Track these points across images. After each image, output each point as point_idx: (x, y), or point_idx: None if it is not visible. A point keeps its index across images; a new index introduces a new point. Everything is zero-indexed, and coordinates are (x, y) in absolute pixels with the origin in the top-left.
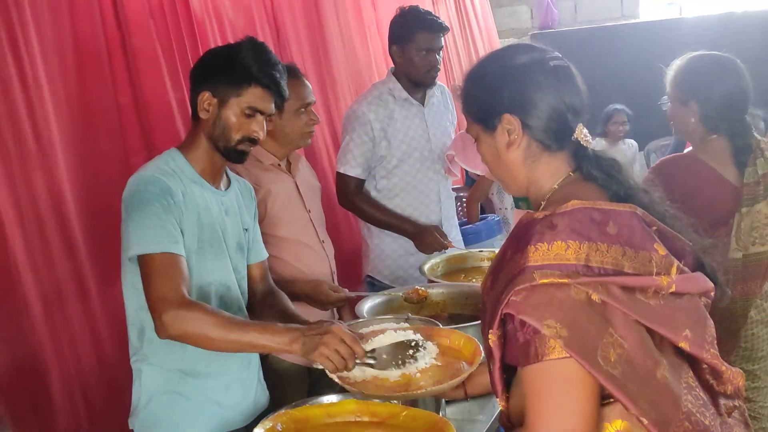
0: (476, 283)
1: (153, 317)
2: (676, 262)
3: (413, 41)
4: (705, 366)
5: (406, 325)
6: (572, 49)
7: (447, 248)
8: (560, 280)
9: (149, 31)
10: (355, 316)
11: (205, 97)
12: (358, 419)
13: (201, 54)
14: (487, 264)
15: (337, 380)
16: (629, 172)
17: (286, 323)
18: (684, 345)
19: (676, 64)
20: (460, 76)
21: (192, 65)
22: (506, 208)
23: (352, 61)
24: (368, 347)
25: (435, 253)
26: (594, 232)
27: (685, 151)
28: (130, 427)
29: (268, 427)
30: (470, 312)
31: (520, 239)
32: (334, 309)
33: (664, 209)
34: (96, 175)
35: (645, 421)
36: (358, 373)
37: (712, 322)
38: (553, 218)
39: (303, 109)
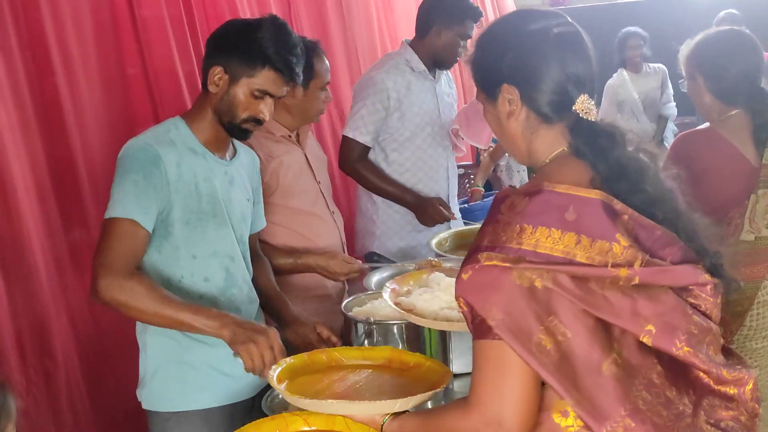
0: None
1: (91, 279)
2: (641, 255)
3: (460, 26)
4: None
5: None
6: (584, 26)
7: (449, 220)
8: (503, 264)
9: (158, 1)
10: (364, 289)
11: (217, 72)
12: (388, 365)
13: (210, 26)
14: None
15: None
16: (624, 145)
17: (267, 300)
18: (646, 339)
19: (688, 43)
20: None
21: (200, 37)
22: (515, 186)
23: (361, 33)
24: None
25: (439, 226)
26: (551, 218)
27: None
28: (138, 399)
29: (288, 362)
30: None
31: (489, 213)
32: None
33: (659, 194)
34: (103, 146)
35: (580, 412)
36: None
37: (699, 317)
38: (517, 199)
39: (324, 87)
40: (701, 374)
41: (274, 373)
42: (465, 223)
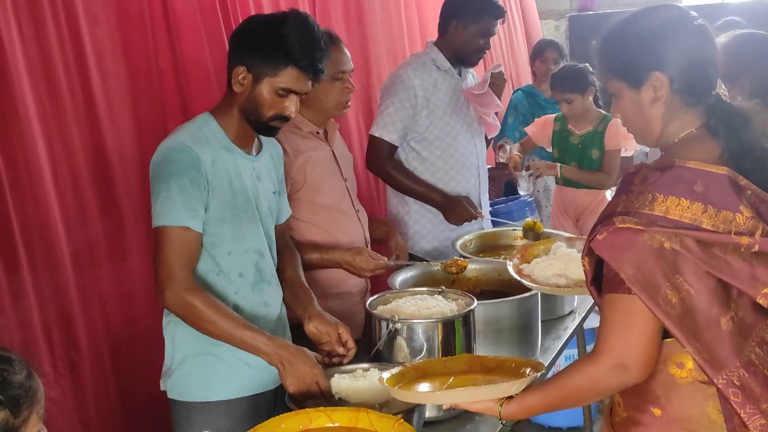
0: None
1: (157, 287)
2: (762, 225)
3: (478, 23)
4: None
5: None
6: None
7: (476, 218)
8: (637, 227)
9: None
10: (388, 287)
11: (240, 72)
12: (471, 370)
13: (240, 19)
14: (519, 242)
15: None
16: (754, 127)
17: (292, 291)
18: (762, 301)
19: (720, 42)
20: (500, 56)
21: (233, 29)
22: (538, 191)
23: (386, 30)
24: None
25: (470, 226)
26: (680, 189)
27: None
28: (162, 388)
29: (394, 371)
30: (502, 288)
31: (622, 184)
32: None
33: None
34: (135, 138)
35: (699, 360)
36: None
37: None
38: (650, 172)
39: (339, 77)
40: None
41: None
42: (493, 222)
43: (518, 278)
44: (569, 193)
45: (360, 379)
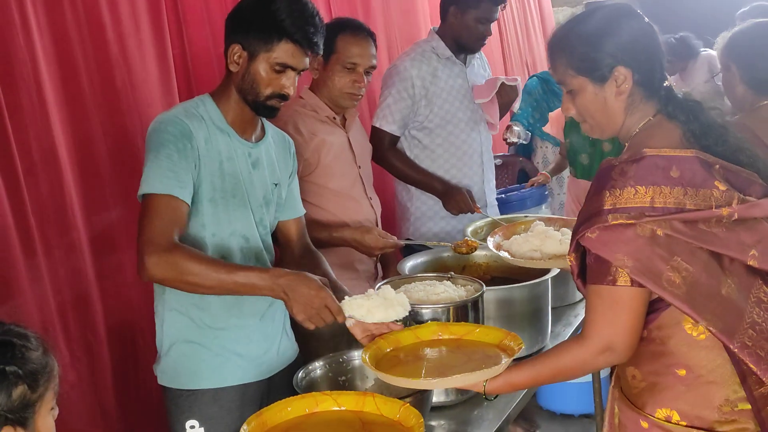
0: None
1: (137, 257)
2: (737, 195)
3: (477, 8)
4: None
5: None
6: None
7: (474, 212)
8: (628, 222)
9: None
10: (397, 271)
11: (235, 50)
12: (441, 336)
13: None
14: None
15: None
16: (708, 111)
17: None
18: (752, 263)
19: (723, 35)
20: (515, 43)
21: None
22: (552, 179)
23: (394, 20)
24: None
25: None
26: (658, 177)
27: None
28: (155, 374)
29: (372, 348)
30: (512, 275)
31: (599, 181)
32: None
33: (738, 144)
34: (146, 127)
35: (713, 330)
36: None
37: None
38: (625, 165)
39: (349, 67)
40: None
41: (368, 361)
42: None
43: (496, 252)
44: (582, 184)
45: (372, 298)
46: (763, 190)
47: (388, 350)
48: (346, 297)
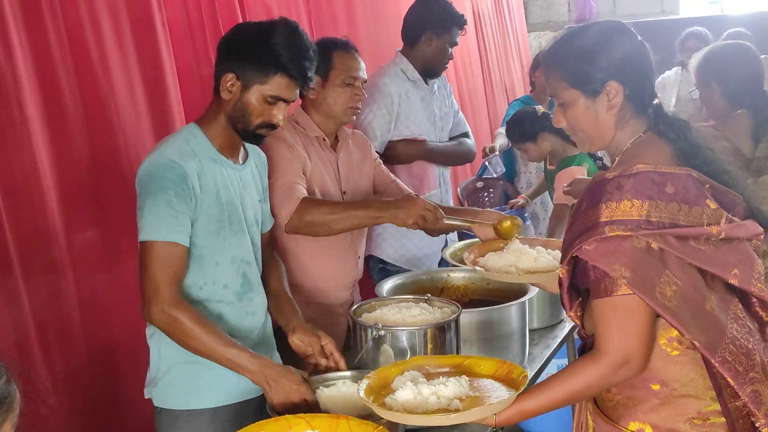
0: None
1: (143, 302)
2: (725, 214)
3: (449, 33)
4: (754, 300)
5: (427, 306)
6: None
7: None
8: (625, 233)
9: (183, 4)
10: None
11: (229, 78)
12: (429, 371)
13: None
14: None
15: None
16: (696, 132)
17: (276, 303)
18: (733, 281)
19: (697, 56)
20: (496, 68)
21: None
22: (535, 203)
23: (377, 41)
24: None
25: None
26: (654, 192)
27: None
28: (147, 396)
29: (365, 385)
30: (491, 297)
31: (593, 195)
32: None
33: (723, 166)
34: (138, 145)
35: (697, 344)
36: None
37: (759, 261)
38: (621, 179)
39: (350, 83)
40: (757, 308)
41: (365, 395)
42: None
43: (471, 267)
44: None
45: (341, 389)
46: (745, 211)
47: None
48: (320, 387)
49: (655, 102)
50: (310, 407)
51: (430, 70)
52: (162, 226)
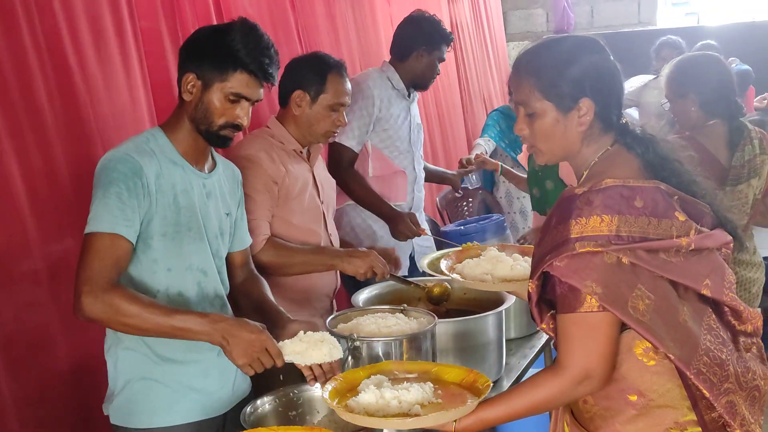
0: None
1: (74, 295)
2: (694, 225)
3: (438, 50)
4: (726, 309)
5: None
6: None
7: (420, 235)
8: (595, 249)
9: (156, 14)
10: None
11: (189, 79)
12: (398, 376)
13: None
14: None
15: (334, 406)
16: (664, 143)
17: (261, 312)
18: (705, 292)
19: (667, 68)
20: (475, 80)
21: None
22: (515, 213)
23: (365, 52)
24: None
25: (429, 249)
26: (623, 206)
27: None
28: (105, 413)
29: (330, 387)
30: (468, 307)
31: (563, 211)
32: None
33: (690, 177)
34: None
35: (672, 357)
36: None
37: (730, 270)
38: (590, 195)
39: (337, 109)
40: (730, 317)
41: (330, 397)
42: (437, 241)
43: (448, 274)
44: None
45: (304, 340)
46: (713, 221)
47: (348, 393)
48: (285, 340)
49: (622, 121)
50: (274, 357)
51: (418, 84)
52: (107, 218)
